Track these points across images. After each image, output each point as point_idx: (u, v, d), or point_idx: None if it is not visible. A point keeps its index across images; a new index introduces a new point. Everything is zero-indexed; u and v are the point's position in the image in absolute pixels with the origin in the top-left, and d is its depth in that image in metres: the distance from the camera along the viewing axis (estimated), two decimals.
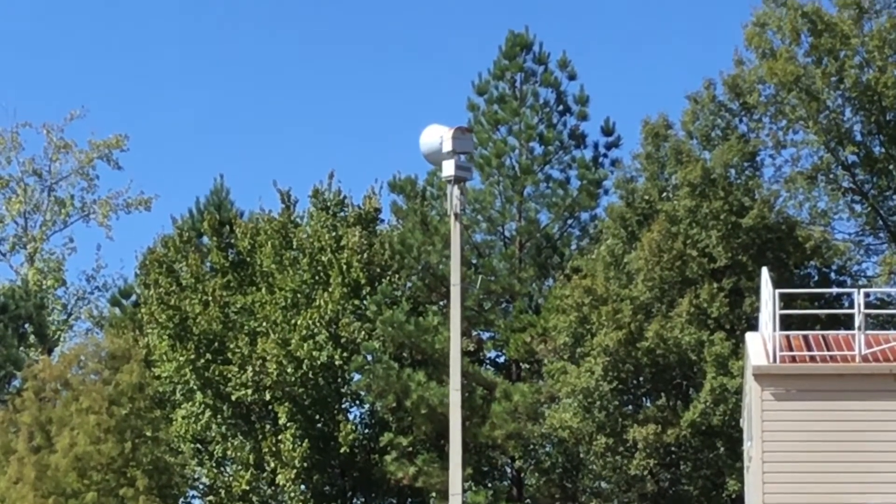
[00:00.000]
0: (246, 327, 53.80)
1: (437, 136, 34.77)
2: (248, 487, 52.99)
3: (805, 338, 35.17)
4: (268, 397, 52.68)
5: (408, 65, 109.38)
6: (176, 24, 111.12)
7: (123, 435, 50.07)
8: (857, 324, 33.62)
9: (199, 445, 54.36)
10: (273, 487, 53.06)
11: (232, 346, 53.49)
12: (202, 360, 53.83)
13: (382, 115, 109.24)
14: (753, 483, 33.60)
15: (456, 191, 36.46)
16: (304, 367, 52.19)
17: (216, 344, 54.03)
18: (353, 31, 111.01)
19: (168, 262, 57.03)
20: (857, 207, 56.39)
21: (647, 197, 51.67)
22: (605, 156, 55.58)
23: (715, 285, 48.85)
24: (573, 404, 48.86)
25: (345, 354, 52.57)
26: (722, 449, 47.28)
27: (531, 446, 52.36)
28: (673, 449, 48.29)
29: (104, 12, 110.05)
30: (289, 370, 52.10)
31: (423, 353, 51.27)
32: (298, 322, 52.64)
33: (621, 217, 51.72)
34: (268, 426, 53.10)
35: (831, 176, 55.64)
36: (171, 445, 52.59)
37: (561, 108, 54.95)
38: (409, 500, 53.87)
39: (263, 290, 54.46)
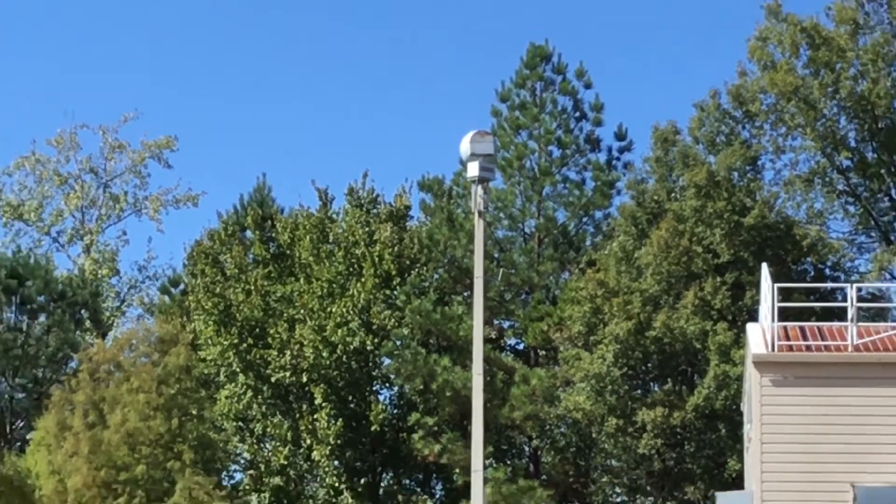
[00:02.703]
0: (285, 314, 53.82)
1: (473, 139, 35.44)
2: (285, 462, 53.07)
3: (801, 329, 35.33)
4: (304, 379, 52.65)
5: (438, 73, 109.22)
6: (223, 34, 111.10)
7: (171, 413, 50.21)
8: (849, 316, 33.77)
9: (240, 423, 54.42)
10: (309, 462, 53.07)
11: (272, 331, 53.53)
12: (244, 345, 53.92)
13: (414, 120, 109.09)
14: (752, 463, 33.80)
15: (480, 190, 36.71)
16: (339, 351, 52.18)
17: (257, 329, 54.07)
18: (389, 45, 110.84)
19: (214, 254, 57.13)
20: (851, 209, 56.42)
21: (656, 197, 51.72)
22: (618, 159, 55.54)
23: (718, 279, 48.88)
24: (586, 388, 48.91)
25: (376, 340, 52.56)
26: (724, 431, 47.29)
27: (547, 427, 52.36)
28: (678, 430, 48.30)
29: (157, 24, 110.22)
30: (324, 354, 52.15)
31: (448, 340, 51.33)
32: (333, 310, 52.66)
33: (632, 216, 51.76)
34: (304, 406, 53.10)
35: (827, 179, 55.67)
36: (215, 423, 52.72)
37: (577, 114, 54.86)
38: (434, 475, 53.84)
39: (301, 280, 54.45)
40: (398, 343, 52.18)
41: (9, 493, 45.67)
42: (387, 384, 54.19)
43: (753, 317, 40.42)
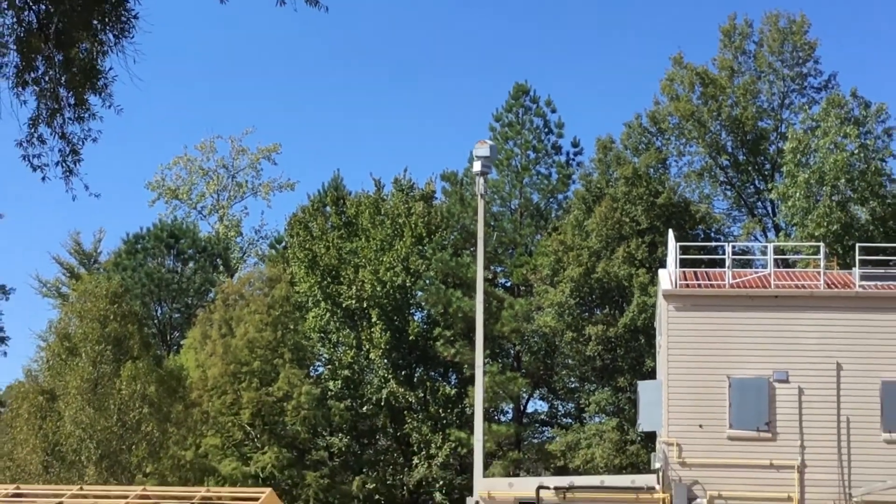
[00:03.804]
0: (351, 262, 53.80)
1: (479, 146, 35.70)
2: (351, 360, 53.19)
3: (695, 273, 35.35)
4: (364, 305, 52.57)
5: (455, 101, 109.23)
6: (310, 69, 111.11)
7: (276, 327, 50.32)
8: (727, 264, 33.81)
9: (322, 334, 54.46)
10: (367, 360, 53.21)
11: (343, 273, 53.54)
12: (325, 282, 53.85)
13: (438, 133, 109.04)
14: (662, 362, 33.83)
15: (481, 180, 36.74)
16: (387, 286, 52.05)
17: (333, 272, 54.00)
18: (421, 80, 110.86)
19: (305, 222, 57.01)
20: (728, 193, 56.41)
21: (598, 185, 51.63)
22: (573, 160, 55.35)
23: (640, 240, 48.81)
24: (552, 312, 48.96)
25: (412, 279, 52.53)
26: (643, 340, 47.24)
27: (525, 337, 52.33)
28: (613, 340, 48.26)
29: (261, 57, 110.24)
30: (378, 288, 52.08)
31: (460, 280, 51.30)
32: (384, 259, 52.54)
33: (582, 198, 51.70)
34: (364, 323, 53.06)
35: (712, 174, 55.62)
36: (305, 334, 52.91)
37: (546, 130, 54.60)
38: (451, 369, 53.98)
39: (363, 239, 54.36)
40: (427, 282, 52.17)
41: (170, 380, 45.81)
42: (419, 308, 54.20)
43: (663, 265, 40.44)
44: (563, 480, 33.19)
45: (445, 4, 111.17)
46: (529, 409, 56.14)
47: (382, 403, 52.21)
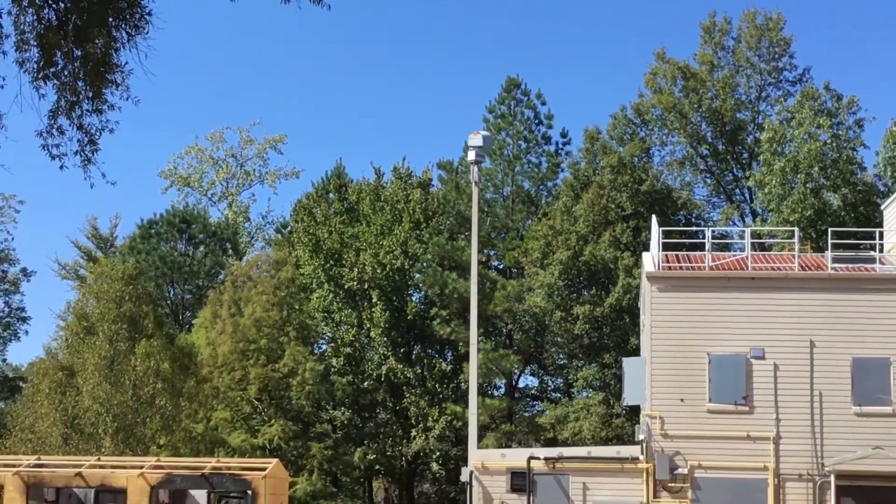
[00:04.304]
0: (353, 245, 53.88)
1: (473, 137, 35.59)
2: (353, 338, 53.23)
3: (676, 256, 35.39)
4: (365, 286, 52.72)
5: (452, 95, 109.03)
6: (313, 64, 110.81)
7: (282, 307, 50.30)
8: (706, 248, 33.85)
9: (325, 314, 54.55)
10: (367, 338, 53.28)
11: (345, 256, 53.60)
12: (328, 265, 53.95)
13: (435, 124, 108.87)
14: (645, 339, 33.91)
15: (475, 169, 36.71)
16: (387, 269, 52.19)
17: (336, 255, 54.10)
18: (420, 73, 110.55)
19: (309, 208, 57.01)
20: (708, 181, 56.43)
21: (585, 173, 51.61)
22: (562, 149, 55.39)
23: (625, 224, 48.82)
24: (541, 293, 48.98)
25: (410, 262, 52.62)
26: (627, 319, 47.31)
27: (517, 316, 52.44)
28: (599, 319, 48.33)
29: (267, 52, 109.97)
30: (378, 271, 52.11)
31: (456, 262, 51.30)
32: (384, 243, 52.57)
33: (570, 185, 51.67)
34: (365, 303, 53.09)
35: (693, 162, 55.62)
36: (309, 314, 52.96)
37: (537, 121, 54.62)
38: (447, 347, 54.08)
39: (363, 224, 54.41)
40: (424, 264, 52.20)
41: (182, 357, 45.84)
42: (417, 289, 54.24)
43: (647, 248, 40.44)
44: (553, 451, 33.31)
45: (445, 4, 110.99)
46: (521, 385, 56.37)
47: (382, 379, 52.28)
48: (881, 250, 34.63)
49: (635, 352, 42.68)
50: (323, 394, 50.82)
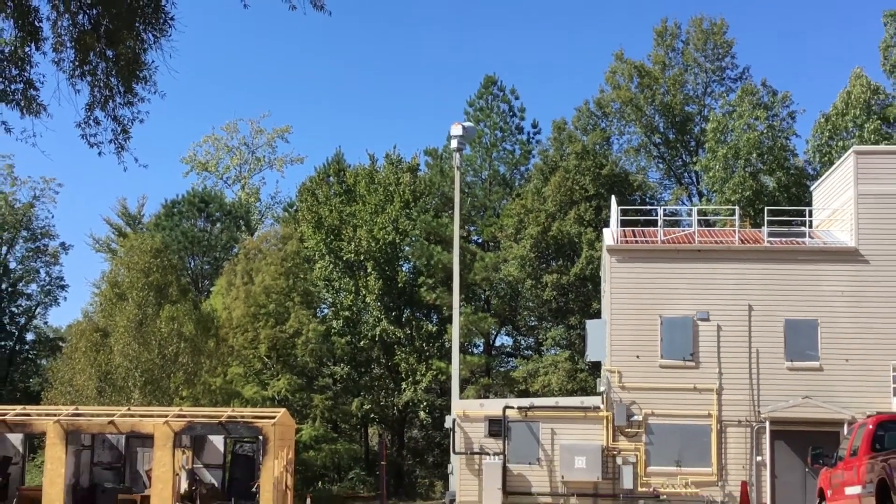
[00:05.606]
0: (351, 222, 53.81)
1: (455, 127, 35.34)
2: (350, 303, 53.19)
3: (633, 231, 35.40)
4: (362, 258, 52.69)
5: (437, 89, 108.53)
6: (320, 60, 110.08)
7: (288, 276, 50.27)
8: (659, 224, 33.86)
9: (326, 282, 54.54)
10: (363, 303, 53.26)
11: (344, 232, 53.51)
12: (328, 239, 53.82)
13: (422, 115, 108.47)
14: (606, 304, 33.90)
15: (457, 155, 36.57)
16: (381, 242, 52.14)
17: (336, 231, 54.02)
18: (412, 69, 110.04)
19: (312, 189, 56.83)
20: (661, 165, 56.45)
21: (554, 159, 51.63)
22: (533, 137, 55.33)
23: (588, 204, 48.90)
24: (515, 263, 49.11)
25: (401, 237, 52.55)
26: (590, 287, 47.46)
27: (494, 284, 52.53)
28: (565, 286, 48.47)
29: (274, 51, 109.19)
30: (372, 245, 51.96)
31: (440, 237, 51.32)
32: (377, 220, 52.48)
33: (540, 170, 51.69)
34: (361, 273, 53.06)
35: (648, 149, 55.62)
36: (313, 282, 52.87)
37: (511, 113, 54.46)
38: (432, 310, 54.08)
39: (360, 203, 54.30)
40: (413, 239, 52.14)
41: (203, 319, 45.84)
42: (407, 261, 54.20)
43: (607, 224, 40.53)
44: (525, 402, 33.39)
45: (436, 5, 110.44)
46: (497, 343, 56.33)
47: (376, 339, 52.27)
48: (811, 226, 34.79)
49: (597, 315, 42.82)
50: (324, 352, 50.81)
